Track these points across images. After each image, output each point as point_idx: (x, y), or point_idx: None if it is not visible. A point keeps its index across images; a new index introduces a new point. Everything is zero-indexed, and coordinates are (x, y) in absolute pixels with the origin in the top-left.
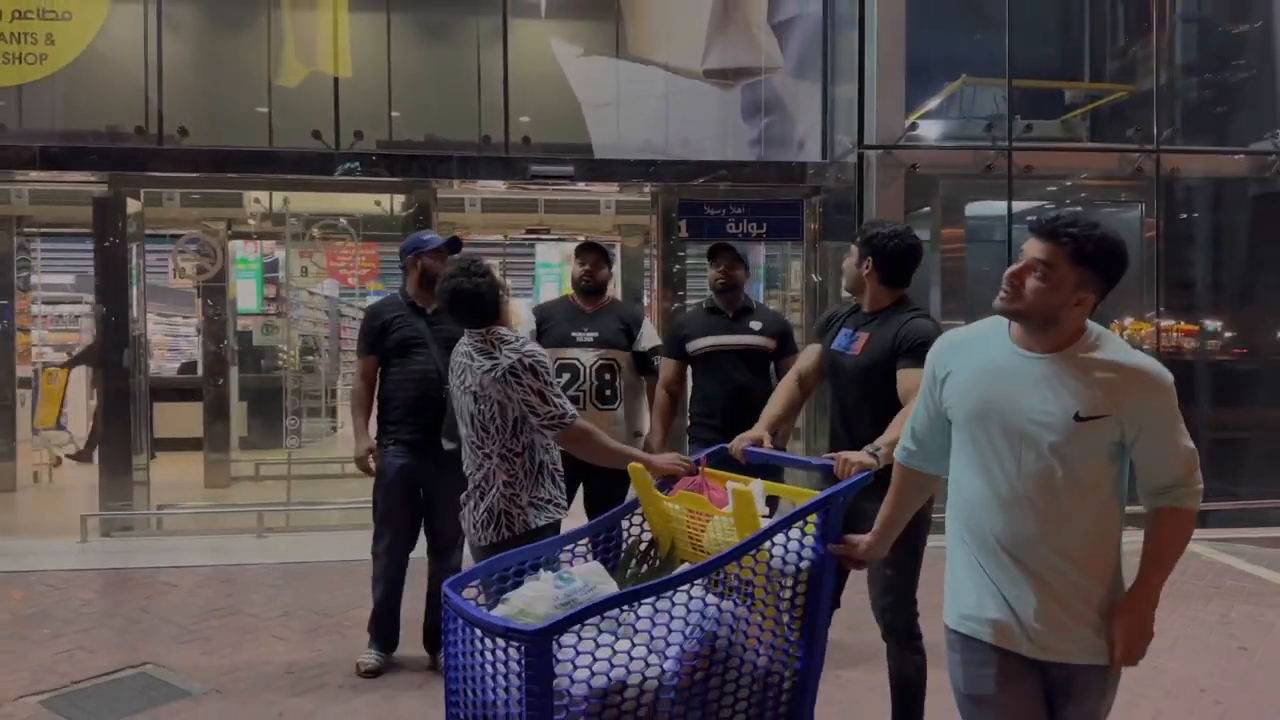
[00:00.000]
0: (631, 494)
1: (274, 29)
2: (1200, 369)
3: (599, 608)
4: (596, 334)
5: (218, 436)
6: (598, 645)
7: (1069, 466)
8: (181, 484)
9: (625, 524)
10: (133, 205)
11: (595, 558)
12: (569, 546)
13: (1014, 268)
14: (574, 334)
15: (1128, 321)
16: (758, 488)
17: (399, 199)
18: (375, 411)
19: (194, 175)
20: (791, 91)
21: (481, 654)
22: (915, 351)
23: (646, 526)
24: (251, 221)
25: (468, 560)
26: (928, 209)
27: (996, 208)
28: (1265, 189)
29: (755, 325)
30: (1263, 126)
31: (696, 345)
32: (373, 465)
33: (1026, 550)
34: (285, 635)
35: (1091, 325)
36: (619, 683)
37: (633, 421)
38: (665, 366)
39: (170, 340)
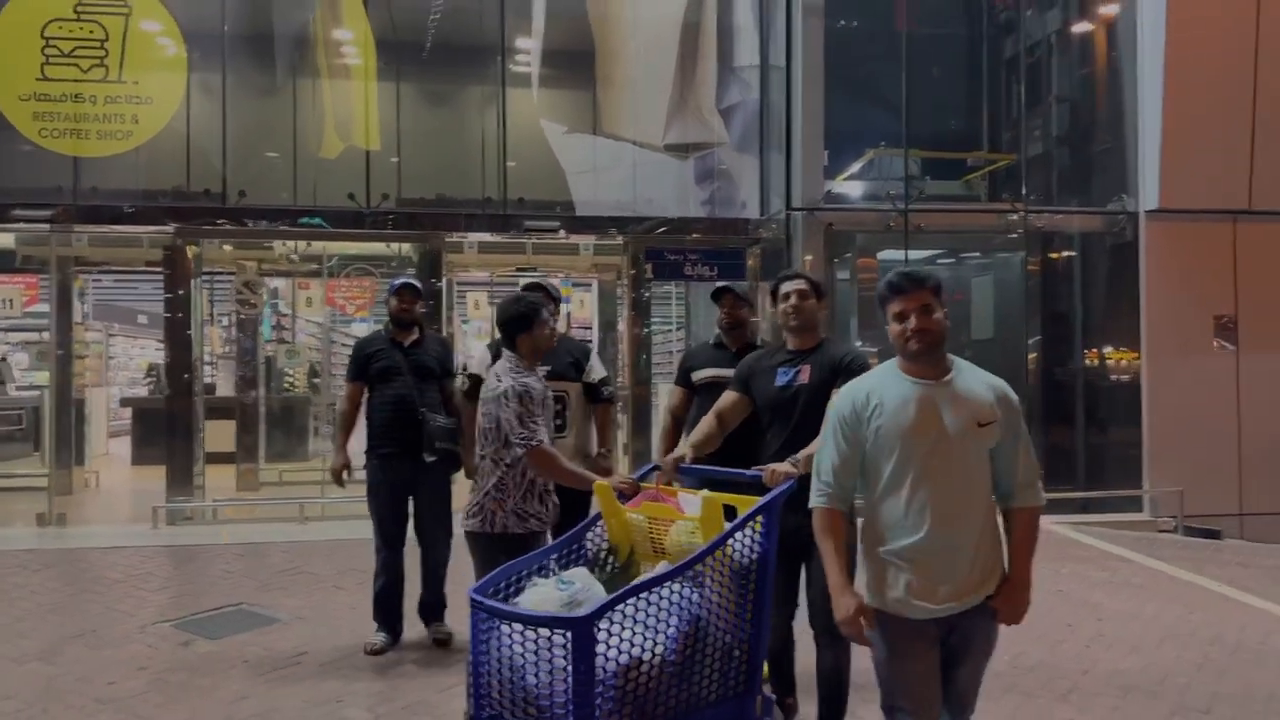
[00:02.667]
0: (594, 509)
1: (317, 110)
2: (1068, 385)
3: (623, 596)
4: (549, 368)
5: (248, 448)
6: (621, 629)
7: (974, 463)
8: (219, 488)
9: (588, 535)
10: (192, 250)
11: (570, 564)
12: (554, 555)
13: (916, 323)
14: None
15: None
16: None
17: (415, 245)
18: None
19: (253, 228)
20: (735, 162)
21: (522, 645)
22: (861, 370)
23: (605, 537)
24: (290, 261)
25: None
26: (849, 255)
27: (913, 255)
28: (1117, 240)
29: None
30: (1118, 189)
31: (700, 375)
32: (345, 478)
33: (960, 527)
34: (344, 586)
35: (949, 356)
36: (636, 659)
37: (582, 446)
38: (673, 394)
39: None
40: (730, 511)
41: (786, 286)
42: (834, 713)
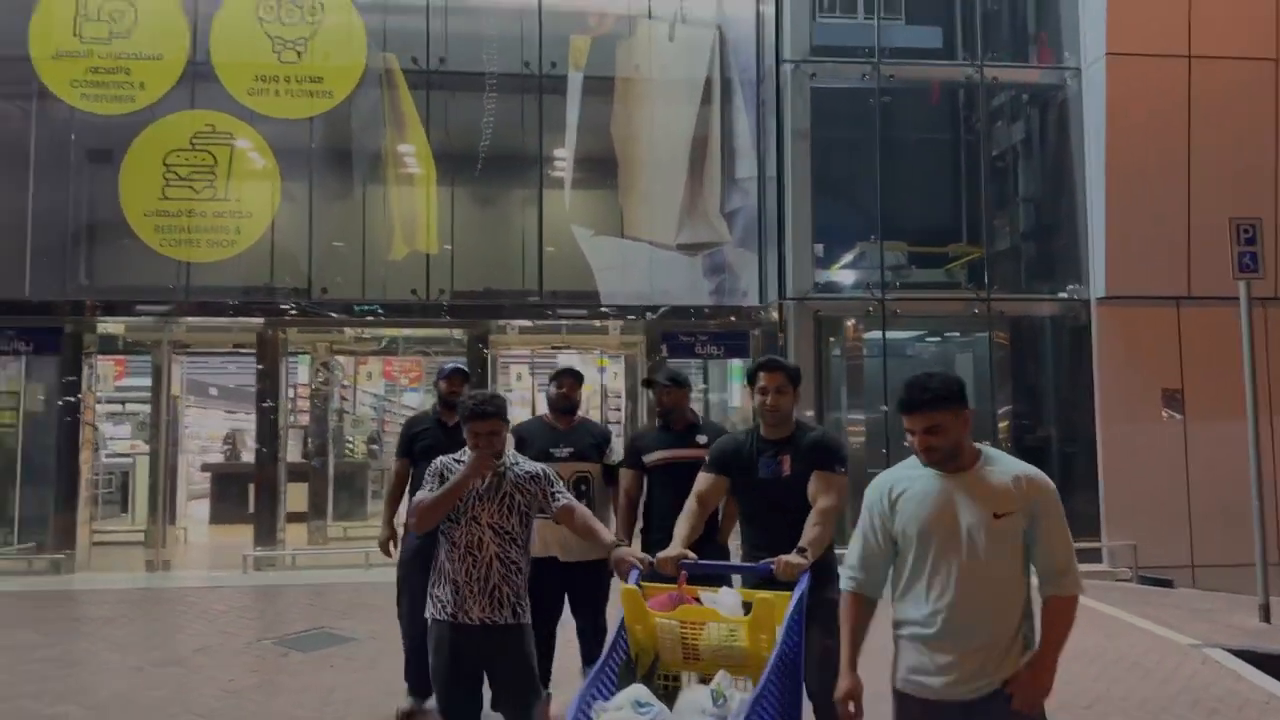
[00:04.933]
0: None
1: (386, 218)
2: (1036, 450)
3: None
4: (572, 449)
5: (318, 507)
6: None
7: (993, 555)
8: (293, 540)
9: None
10: (280, 336)
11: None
12: (609, 672)
13: (919, 443)
14: (551, 449)
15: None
16: (734, 595)
17: (466, 330)
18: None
19: (336, 318)
20: (737, 258)
21: None
22: (833, 456)
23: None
24: (360, 342)
25: None
26: (834, 338)
27: (890, 336)
28: (1074, 324)
29: (701, 439)
30: (1073, 278)
31: (651, 457)
32: (392, 550)
33: (972, 616)
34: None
35: (979, 446)
36: None
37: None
38: (625, 476)
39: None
40: (748, 608)
41: (765, 380)
42: None
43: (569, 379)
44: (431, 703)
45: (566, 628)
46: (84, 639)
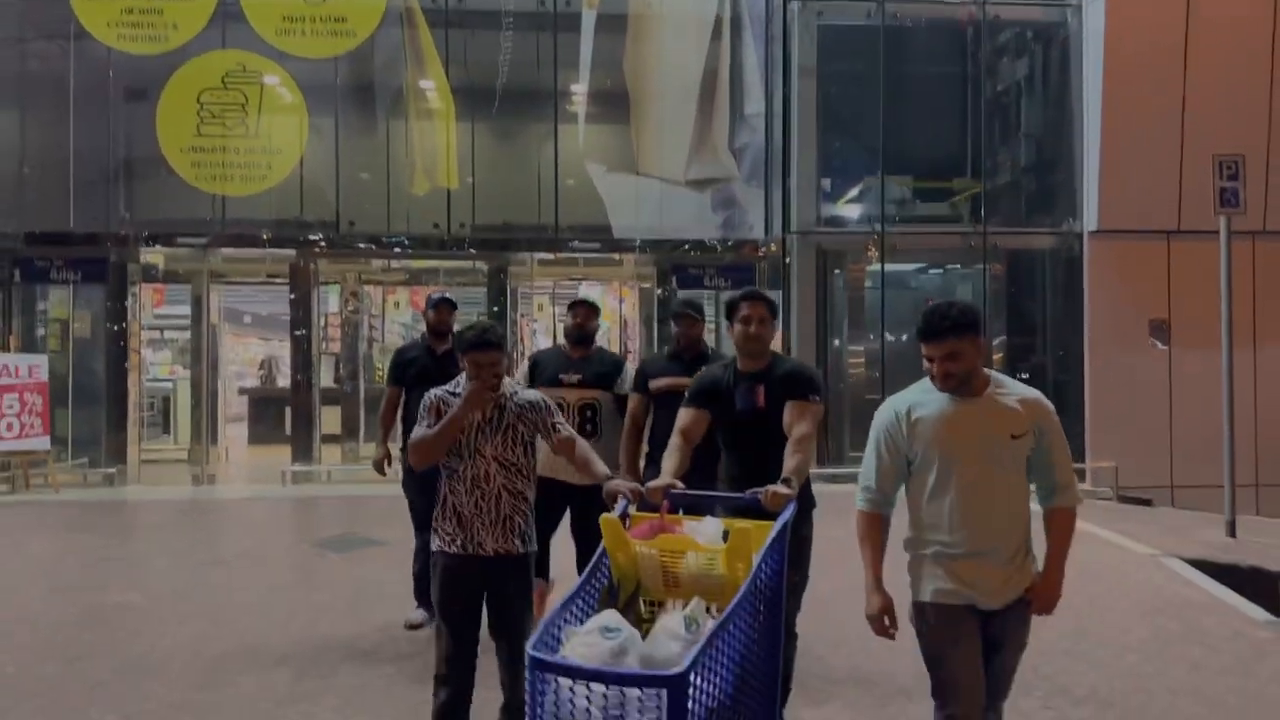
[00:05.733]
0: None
1: (409, 153)
2: (1027, 380)
3: (708, 646)
4: (580, 376)
5: (350, 429)
6: (698, 678)
7: (1010, 472)
8: (327, 460)
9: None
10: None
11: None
12: (579, 599)
13: (938, 369)
14: (561, 376)
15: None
16: (715, 524)
17: (488, 262)
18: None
19: (363, 249)
20: (744, 193)
21: (604, 709)
22: (807, 385)
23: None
24: (386, 272)
25: None
26: (838, 271)
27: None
28: (1068, 256)
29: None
30: (1068, 213)
31: (656, 384)
32: (385, 468)
33: (986, 532)
34: None
35: (987, 372)
36: (711, 709)
37: (613, 455)
38: (632, 400)
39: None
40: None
41: (747, 309)
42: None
43: (583, 309)
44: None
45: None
46: (140, 543)
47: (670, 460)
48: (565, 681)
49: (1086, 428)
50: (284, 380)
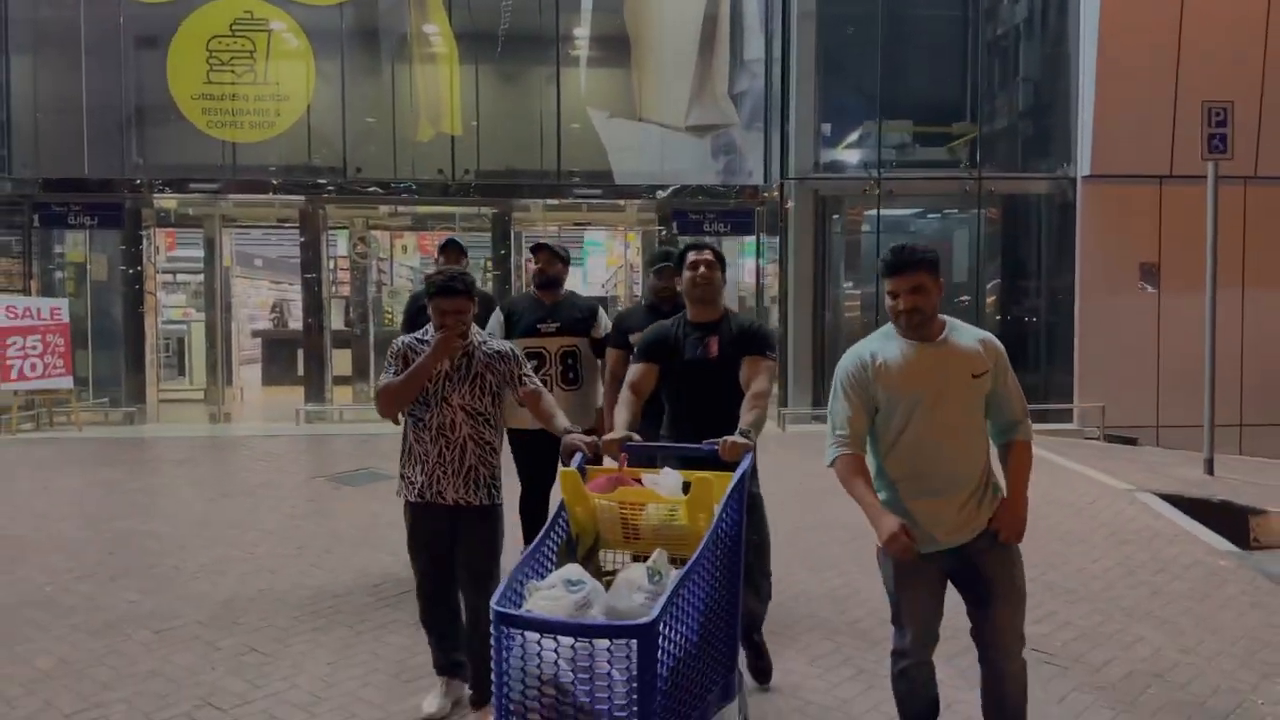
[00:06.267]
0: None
1: (414, 101)
2: (1020, 320)
3: (674, 597)
4: (559, 324)
5: (361, 370)
6: (667, 628)
7: (972, 411)
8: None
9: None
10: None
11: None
12: (544, 552)
13: (904, 303)
14: (539, 325)
15: (965, 299)
16: (675, 476)
17: (492, 207)
18: None
19: (371, 195)
20: (744, 139)
21: (571, 658)
22: (764, 342)
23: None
24: (393, 217)
25: None
26: (837, 215)
27: (885, 214)
28: (1062, 200)
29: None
30: (1063, 158)
31: (637, 337)
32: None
33: (949, 471)
34: None
35: (941, 317)
36: (679, 658)
37: (592, 400)
38: (611, 356)
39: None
40: (688, 488)
41: (694, 255)
42: (754, 623)
43: (544, 252)
44: None
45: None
46: (162, 476)
47: (622, 414)
48: (532, 636)
49: (1075, 369)
50: (295, 323)
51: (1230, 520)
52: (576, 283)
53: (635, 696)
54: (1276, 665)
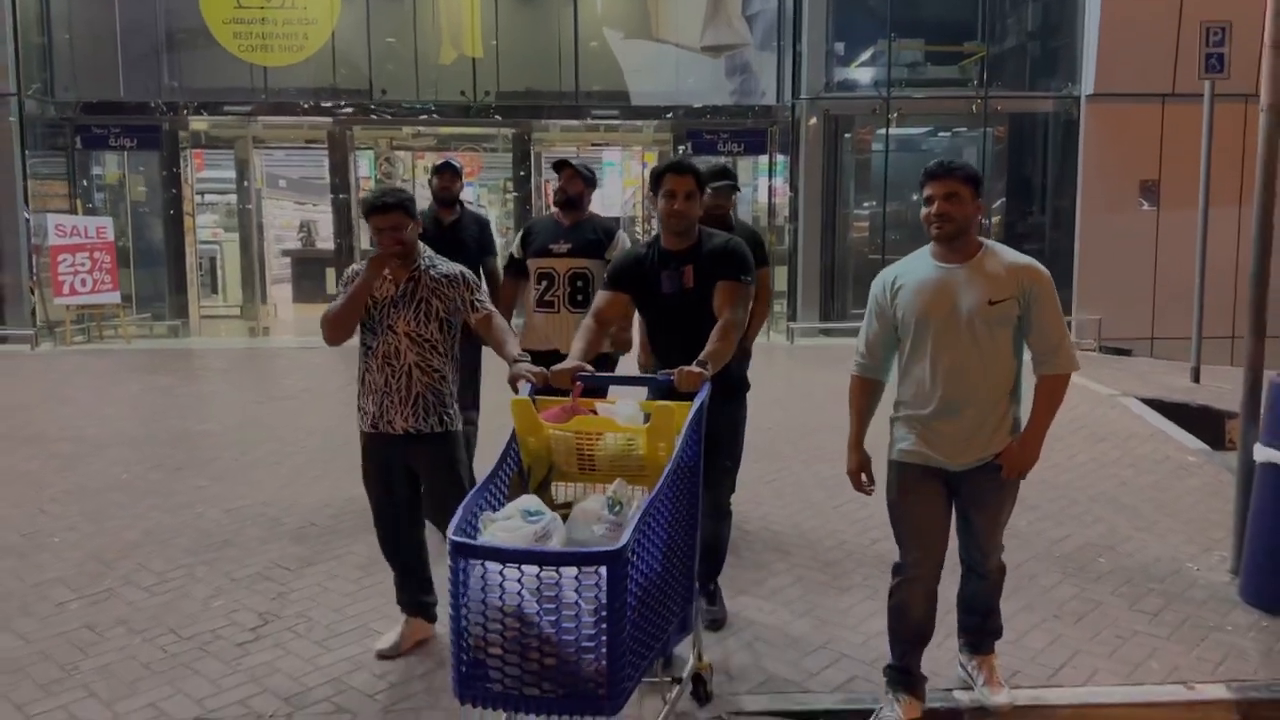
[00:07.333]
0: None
1: (435, 26)
2: (1025, 235)
3: (641, 524)
4: (571, 245)
5: None
6: (633, 555)
7: (986, 338)
8: None
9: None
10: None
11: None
12: (497, 484)
13: (938, 208)
14: (551, 245)
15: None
16: (632, 405)
17: (512, 128)
18: None
19: (395, 117)
20: (757, 60)
21: (535, 588)
22: (738, 265)
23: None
24: (413, 139)
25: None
26: (848, 135)
27: (894, 133)
28: (1067, 119)
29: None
30: (1069, 77)
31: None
32: None
33: (960, 395)
34: None
35: (983, 240)
36: (644, 586)
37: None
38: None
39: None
40: (646, 418)
41: (673, 183)
42: (710, 571)
43: (567, 170)
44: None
45: None
46: (210, 383)
47: (579, 343)
48: (494, 566)
49: (1074, 283)
50: (322, 243)
51: (1209, 423)
52: (595, 203)
53: (604, 626)
54: (1219, 540)
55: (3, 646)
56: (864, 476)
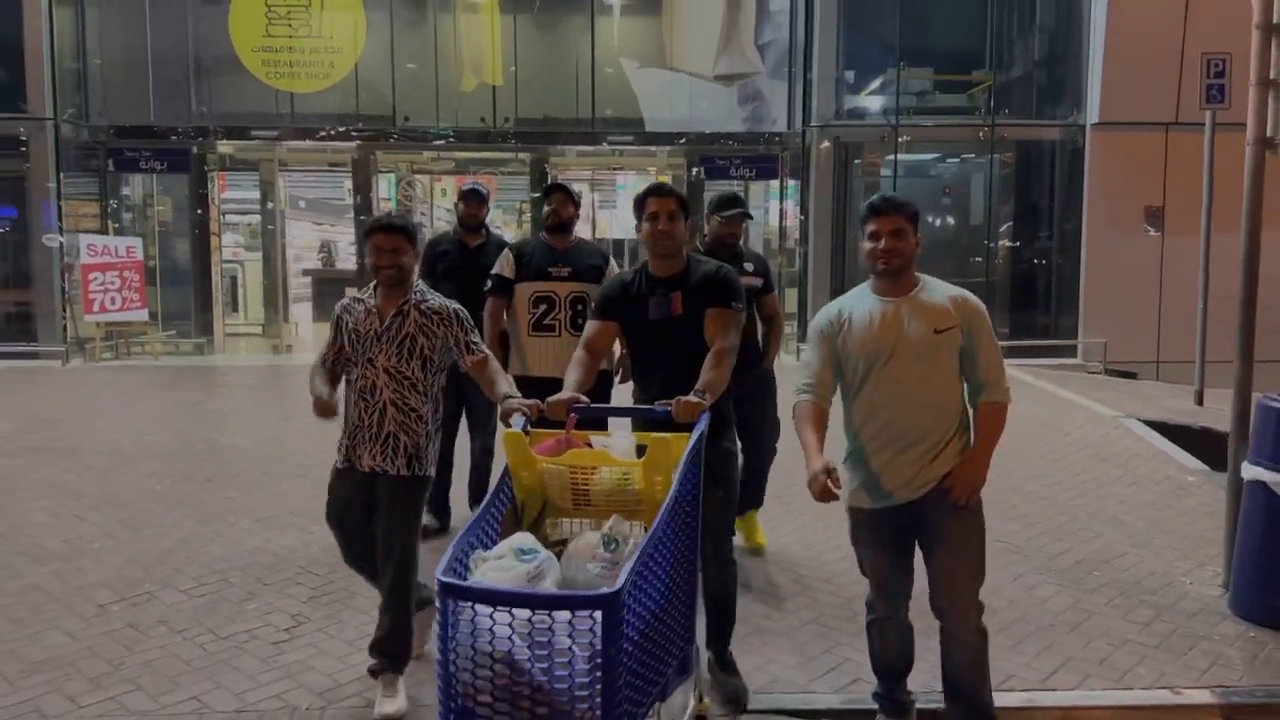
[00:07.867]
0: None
1: (456, 55)
2: (1031, 260)
3: (639, 564)
4: (570, 269)
5: None
6: (630, 598)
7: (932, 368)
8: None
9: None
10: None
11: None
12: (490, 520)
13: (885, 244)
14: (550, 269)
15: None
16: (627, 438)
17: (530, 153)
18: None
19: (417, 143)
20: (769, 88)
21: (527, 632)
22: (728, 291)
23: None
24: (437, 161)
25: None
26: (858, 160)
27: (903, 159)
28: (1073, 146)
29: (749, 267)
30: (1074, 105)
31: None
32: None
33: (906, 426)
34: None
35: (917, 274)
36: (641, 630)
37: None
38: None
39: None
40: (642, 451)
41: (655, 205)
42: (723, 633)
43: (559, 194)
44: (453, 521)
45: None
46: (236, 399)
47: (572, 375)
48: (484, 609)
49: (1081, 306)
50: (341, 263)
51: (1210, 445)
52: (607, 226)
53: (599, 674)
54: (1213, 556)
55: (52, 644)
56: (829, 479)
